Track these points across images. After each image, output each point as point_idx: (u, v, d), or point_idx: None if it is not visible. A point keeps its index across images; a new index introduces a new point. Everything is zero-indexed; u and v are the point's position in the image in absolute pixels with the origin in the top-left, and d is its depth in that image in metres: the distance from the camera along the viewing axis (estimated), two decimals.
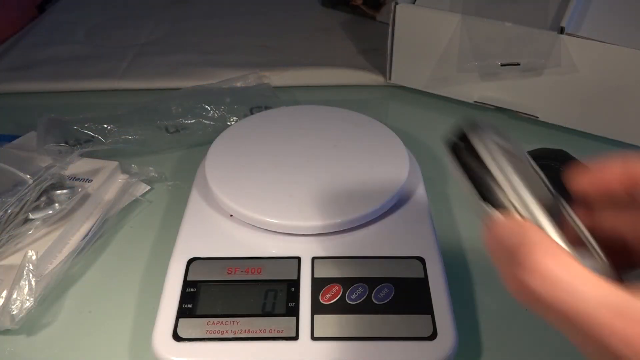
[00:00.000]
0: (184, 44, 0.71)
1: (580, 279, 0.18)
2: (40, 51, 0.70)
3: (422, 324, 0.33)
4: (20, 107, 0.62)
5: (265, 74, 0.62)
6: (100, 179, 0.46)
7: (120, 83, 0.64)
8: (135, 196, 0.48)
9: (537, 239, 0.19)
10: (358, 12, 0.77)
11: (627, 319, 0.17)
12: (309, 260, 0.36)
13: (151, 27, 0.75)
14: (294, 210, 0.38)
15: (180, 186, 0.50)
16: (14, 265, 0.38)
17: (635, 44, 0.48)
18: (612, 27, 0.50)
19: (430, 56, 0.58)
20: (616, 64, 0.49)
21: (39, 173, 0.43)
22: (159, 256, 0.42)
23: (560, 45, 0.50)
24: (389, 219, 0.40)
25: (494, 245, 0.21)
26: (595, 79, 0.51)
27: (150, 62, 0.67)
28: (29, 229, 0.41)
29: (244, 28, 0.75)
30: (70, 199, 0.43)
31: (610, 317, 0.17)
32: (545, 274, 0.18)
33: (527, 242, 0.19)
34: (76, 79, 0.64)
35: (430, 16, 0.56)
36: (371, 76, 0.63)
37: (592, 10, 0.52)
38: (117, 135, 0.51)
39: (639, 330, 0.17)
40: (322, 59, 0.66)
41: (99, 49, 0.70)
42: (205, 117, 0.54)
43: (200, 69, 0.65)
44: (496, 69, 0.54)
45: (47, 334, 0.38)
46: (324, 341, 0.32)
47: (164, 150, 0.53)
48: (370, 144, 0.44)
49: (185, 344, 0.32)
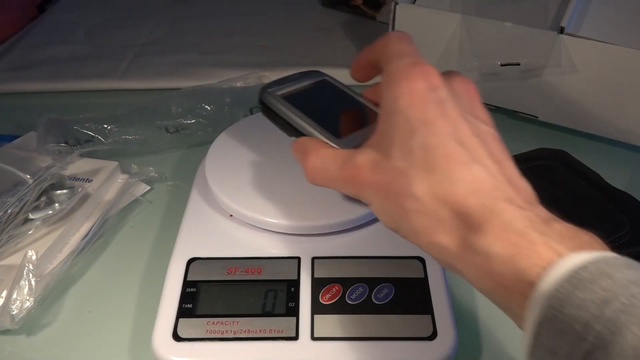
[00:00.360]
0: (184, 44, 0.71)
1: (327, 160, 0.29)
2: (40, 51, 0.70)
3: (422, 324, 0.33)
4: (20, 107, 0.62)
5: (265, 74, 0.62)
6: (100, 179, 0.46)
7: (120, 83, 0.64)
8: (135, 196, 0.48)
9: (310, 146, 0.30)
10: (358, 12, 0.77)
11: (346, 167, 0.28)
12: (309, 260, 0.36)
13: (151, 27, 0.75)
14: (293, 210, 0.38)
15: (180, 186, 0.50)
16: (14, 265, 0.38)
17: (635, 44, 0.48)
18: (612, 27, 0.50)
19: (430, 56, 0.58)
20: (616, 64, 0.49)
21: (39, 173, 0.43)
22: (159, 256, 0.42)
23: (560, 45, 0.50)
24: None
25: (295, 157, 0.31)
26: (595, 79, 0.51)
27: (150, 62, 0.67)
28: (29, 229, 0.41)
29: (244, 28, 0.75)
30: (70, 199, 0.43)
31: (339, 169, 0.28)
32: (312, 168, 0.29)
33: (305, 151, 0.30)
34: (76, 79, 0.64)
35: (430, 16, 0.56)
36: None
37: (592, 10, 0.52)
38: (117, 135, 0.51)
39: (351, 172, 0.27)
40: (322, 59, 0.66)
41: (99, 49, 0.70)
42: (205, 117, 0.54)
43: (200, 69, 0.65)
44: (496, 69, 0.54)
45: (47, 334, 0.38)
46: (324, 341, 0.32)
47: (164, 150, 0.53)
48: None
49: (185, 344, 0.32)
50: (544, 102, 0.55)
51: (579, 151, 0.49)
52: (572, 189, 0.45)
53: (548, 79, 0.53)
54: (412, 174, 0.24)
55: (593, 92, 0.52)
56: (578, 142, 0.54)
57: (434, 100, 0.25)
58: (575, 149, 0.50)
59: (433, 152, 0.24)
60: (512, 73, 0.54)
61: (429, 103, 0.25)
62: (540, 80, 0.53)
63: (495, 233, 0.22)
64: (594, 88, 0.51)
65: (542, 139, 0.54)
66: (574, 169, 0.47)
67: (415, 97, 0.25)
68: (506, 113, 0.58)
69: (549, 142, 0.52)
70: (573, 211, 0.43)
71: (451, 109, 0.25)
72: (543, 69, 0.52)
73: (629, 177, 0.50)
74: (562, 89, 0.53)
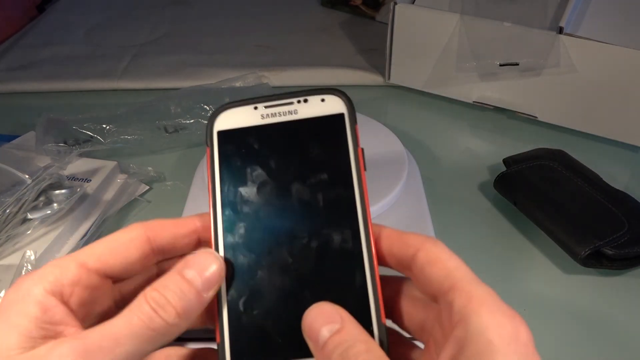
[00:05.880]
0: (183, 44, 0.71)
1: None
2: (40, 51, 0.70)
3: None
4: (19, 107, 0.62)
5: (265, 74, 0.62)
6: (99, 178, 0.46)
7: (119, 83, 0.64)
8: (134, 196, 0.48)
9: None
10: (357, 12, 0.77)
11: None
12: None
13: (150, 28, 0.75)
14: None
15: (179, 186, 0.50)
16: (13, 265, 0.38)
17: (634, 44, 0.48)
18: (610, 27, 0.50)
19: (429, 56, 0.58)
20: (615, 64, 0.49)
21: (37, 173, 0.43)
22: None
23: (559, 45, 0.50)
24: (387, 219, 0.39)
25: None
26: (594, 79, 0.51)
27: (149, 62, 0.67)
28: (27, 228, 0.41)
29: (243, 28, 0.75)
30: (68, 199, 0.43)
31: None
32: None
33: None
34: (75, 79, 0.64)
35: (429, 16, 0.56)
36: (370, 76, 0.63)
37: (590, 10, 0.52)
38: (116, 135, 0.51)
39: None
40: (322, 59, 0.66)
41: (99, 49, 0.70)
42: (204, 117, 0.53)
43: (200, 69, 0.65)
44: (495, 69, 0.54)
45: None
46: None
47: (162, 150, 0.53)
48: (369, 144, 0.44)
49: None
50: (543, 102, 0.55)
51: (578, 151, 0.49)
52: (571, 189, 0.45)
53: (547, 79, 0.53)
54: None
55: (592, 92, 0.52)
56: (577, 142, 0.54)
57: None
58: (574, 149, 0.50)
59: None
60: (511, 73, 0.54)
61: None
62: (539, 80, 0.53)
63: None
64: (593, 88, 0.51)
65: (541, 139, 0.54)
66: (574, 169, 0.47)
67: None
68: (506, 113, 0.58)
69: (548, 142, 0.52)
70: (572, 211, 0.43)
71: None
72: (542, 69, 0.52)
73: (628, 177, 0.50)
74: (561, 89, 0.53)
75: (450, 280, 0.19)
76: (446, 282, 0.19)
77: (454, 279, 0.19)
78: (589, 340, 0.37)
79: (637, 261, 0.41)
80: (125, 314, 0.19)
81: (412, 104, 0.61)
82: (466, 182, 0.50)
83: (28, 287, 0.19)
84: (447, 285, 0.19)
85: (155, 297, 0.19)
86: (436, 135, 0.56)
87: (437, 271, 0.20)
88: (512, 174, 0.47)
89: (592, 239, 0.40)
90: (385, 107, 0.62)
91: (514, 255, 0.43)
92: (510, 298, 0.39)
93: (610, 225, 0.41)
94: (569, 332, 0.38)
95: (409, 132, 0.55)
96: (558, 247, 0.42)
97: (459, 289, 0.19)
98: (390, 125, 0.47)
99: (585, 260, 0.40)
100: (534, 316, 0.38)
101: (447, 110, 0.60)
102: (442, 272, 0.20)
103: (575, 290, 0.40)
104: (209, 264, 0.20)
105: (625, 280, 0.41)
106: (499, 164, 0.50)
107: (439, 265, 0.20)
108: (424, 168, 0.47)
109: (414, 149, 0.49)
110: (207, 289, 0.20)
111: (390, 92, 0.63)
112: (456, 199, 0.48)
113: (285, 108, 0.22)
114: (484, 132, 0.57)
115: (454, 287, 0.19)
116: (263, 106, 0.22)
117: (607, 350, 0.37)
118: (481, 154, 0.53)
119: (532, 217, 0.44)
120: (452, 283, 0.19)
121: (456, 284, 0.19)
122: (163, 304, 0.19)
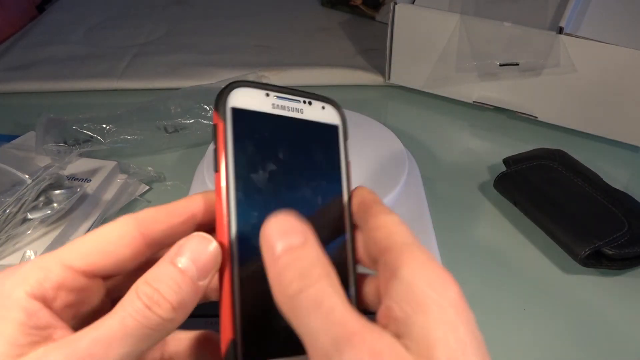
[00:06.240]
0: (183, 44, 0.71)
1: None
2: (40, 51, 0.70)
3: None
4: (19, 107, 0.62)
5: (264, 74, 0.62)
6: (99, 178, 0.46)
7: (119, 83, 0.64)
8: (134, 196, 0.48)
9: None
10: (357, 12, 0.77)
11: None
12: None
13: (150, 27, 0.75)
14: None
15: (179, 186, 0.50)
16: (12, 265, 0.38)
17: (634, 44, 0.48)
18: (611, 27, 0.50)
19: (429, 56, 0.58)
20: (615, 64, 0.49)
21: (37, 173, 0.43)
22: None
23: (559, 45, 0.50)
24: None
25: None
26: (594, 79, 0.51)
27: (149, 62, 0.67)
28: (27, 228, 0.41)
29: (243, 28, 0.75)
30: (68, 199, 0.43)
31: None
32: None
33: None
34: (75, 79, 0.64)
35: (429, 16, 0.56)
36: (370, 76, 0.63)
37: (591, 10, 0.52)
38: (116, 135, 0.51)
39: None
40: (322, 59, 0.66)
41: (98, 49, 0.70)
42: (204, 117, 0.54)
43: (200, 69, 0.65)
44: (495, 69, 0.54)
45: None
46: None
47: (162, 150, 0.53)
48: (369, 144, 0.44)
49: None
50: (543, 102, 0.55)
51: (578, 151, 0.49)
52: (571, 189, 0.45)
53: (547, 79, 0.53)
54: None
55: (592, 92, 0.52)
56: (577, 142, 0.54)
57: None
58: (574, 149, 0.50)
59: None
60: (511, 73, 0.54)
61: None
62: (539, 80, 0.53)
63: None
64: (593, 88, 0.51)
65: (541, 139, 0.54)
66: (573, 169, 0.47)
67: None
68: (506, 113, 0.58)
69: (548, 142, 0.52)
70: (572, 211, 0.43)
71: None
72: (542, 69, 0.52)
73: (628, 177, 0.50)
74: (561, 89, 0.53)
75: (387, 241, 0.19)
76: (383, 243, 0.19)
77: (391, 241, 0.19)
78: (588, 340, 0.37)
79: (637, 261, 0.41)
80: (117, 312, 0.17)
81: (412, 104, 0.61)
82: (466, 182, 0.50)
83: (9, 290, 0.18)
84: (384, 246, 0.19)
85: (148, 292, 0.18)
86: (436, 135, 0.56)
87: (379, 234, 0.20)
88: (512, 174, 0.47)
89: (592, 238, 0.40)
90: (385, 107, 0.62)
91: (514, 255, 0.43)
92: (510, 298, 0.38)
93: (610, 225, 0.41)
94: (568, 331, 0.38)
95: (409, 132, 0.55)
96: (558, 247, 0.42)
97: (394, 249, 0.19)
98: (390, 125, 0.47)
99: (585, 260, 0.40)
100: (534, 316, 0.38)
101: (447, 110, 0.60)
102: (383, 234, 0.20)
103: (575, 290, 0.40)
104: (203, 249, 0.19)
105: (625, 280, 0.41)
106: (499, 164, 0.50)
107: (383, 229, 0.20)
108: (424, 168, 0.47)
109: (414, 149, 0.49)
110: (202, 276, 0.18)
111: (390, 92, 0.63)
112: (456, 198, 0.48)
113: (293, 104, 0.23)
114: (484, 132, 0.57)
115: (389, 248, 0.19)
116: (275, 95, 0.22)
117: (606, 350, 0.37)
118: (481, 154, 0.53)
119: (532, 217, 0.44)
120: (388, 244, 0.19)
121: (392, 245, 0.19)
122: (157, 299, 0.18)
